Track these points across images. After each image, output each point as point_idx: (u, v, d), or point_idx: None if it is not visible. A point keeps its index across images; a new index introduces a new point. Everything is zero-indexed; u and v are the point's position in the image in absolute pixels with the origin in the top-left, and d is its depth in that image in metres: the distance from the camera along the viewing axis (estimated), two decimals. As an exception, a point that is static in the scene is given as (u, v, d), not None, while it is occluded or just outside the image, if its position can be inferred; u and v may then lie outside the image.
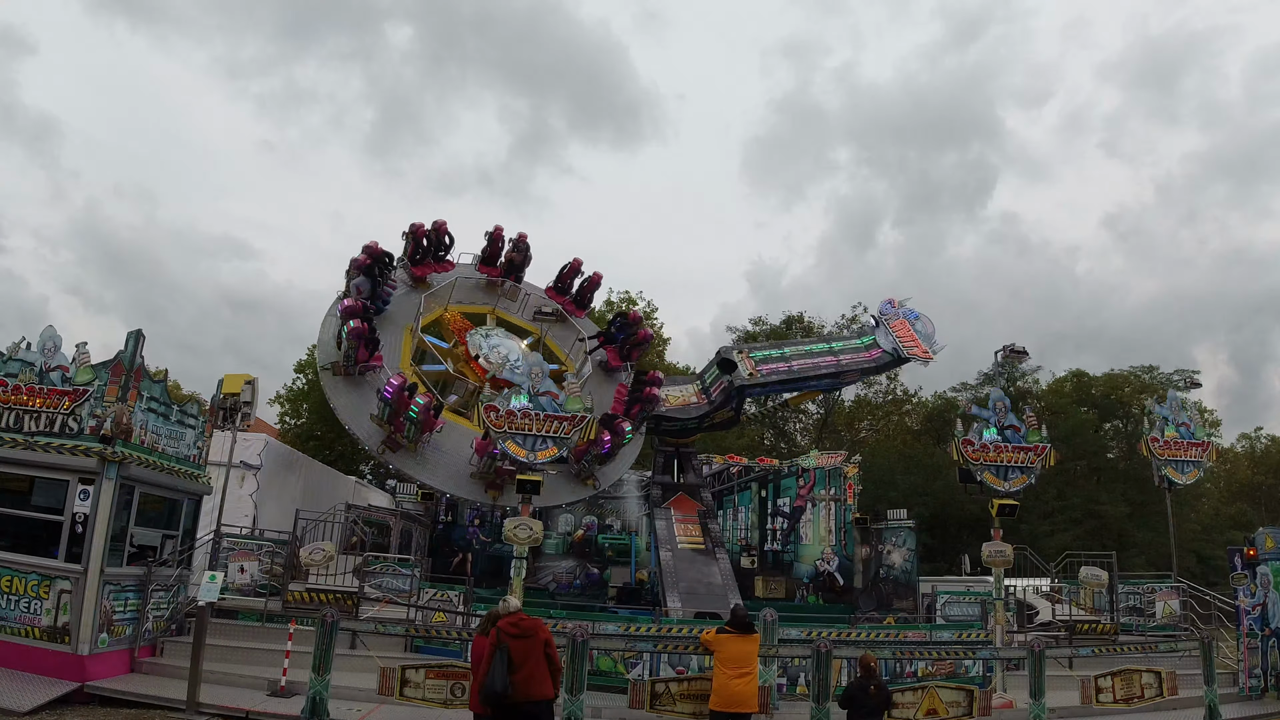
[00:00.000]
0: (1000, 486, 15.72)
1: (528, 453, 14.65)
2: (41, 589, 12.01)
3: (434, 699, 9.60)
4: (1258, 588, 15.34)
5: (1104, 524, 42.75)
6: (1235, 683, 15.16)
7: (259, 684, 12.25)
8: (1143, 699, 11.65)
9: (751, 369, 21.11)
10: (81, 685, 11.63)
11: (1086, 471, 46.40)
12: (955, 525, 41.22)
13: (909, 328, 21.12)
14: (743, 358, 21.40)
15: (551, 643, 8.38)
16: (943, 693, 10.30)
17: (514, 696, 7.90)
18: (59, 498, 12.43)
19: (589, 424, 15.03)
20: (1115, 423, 49.38)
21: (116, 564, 12.63)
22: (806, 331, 50.05)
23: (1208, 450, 18.87)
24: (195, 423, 14.84)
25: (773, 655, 11.11)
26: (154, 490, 13.70)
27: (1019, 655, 12.85)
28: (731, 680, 9.33)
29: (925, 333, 20.98)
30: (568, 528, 25.56)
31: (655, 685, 9.99)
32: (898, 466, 43.12)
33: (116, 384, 12.72)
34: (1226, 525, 45.36)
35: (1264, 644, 15.01)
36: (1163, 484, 18.75)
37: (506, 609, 8.42)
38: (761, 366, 21.22)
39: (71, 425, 12.61)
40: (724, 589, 18.64)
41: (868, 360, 21.62)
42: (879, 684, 9.80)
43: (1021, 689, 11.98)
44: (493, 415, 14.62)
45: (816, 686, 10.19)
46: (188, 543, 14.98)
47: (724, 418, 22.90)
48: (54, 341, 13.15)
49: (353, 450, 47.94)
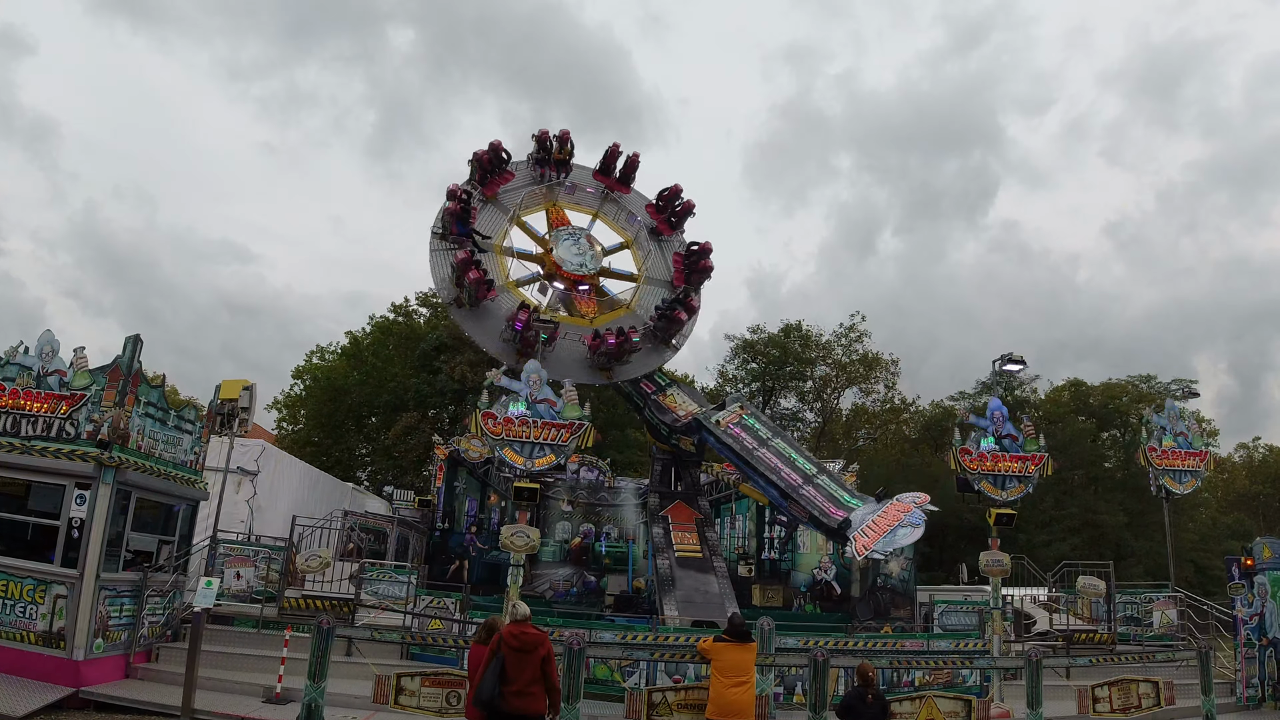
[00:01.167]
0: (998, 496, 15.73)
1: (525, 460, 14.65)
2: (37, 594, 11.98)
3: (429, 707, 9.56)
4: (1255, 597, 15.34)
5: (1101, 533, 42.74)
6: (1233, 693, 15.16)
7: (254, 690, 12.23)
8: (1139, 709, 11.63)
9: (728, 420, 20.18)
10: (76, 691, 11.61)
11: (1084, 481, 46.41)
12: (953, 534, 41.16)
13: (890, 524, 16.84)
14: (736, 409, 20.67)
15: (551, 659, 8.19)
16: (940, 702, 10.28)
17: (504, 708, 7.82)
18: (55, 502, 12.42)
19: (586, 431, 15.04)
20: (1113, 432, 49.41)
21: (112, 569, 12.61)
22: (805, 340, 50.15)
23: (1205, 460, 18.90)
24: (192, 428, 14.83)
25: (770, 664, 11.09)
26: (150, 495, 13.68)
27: (1016, 665, 12.84)
28: (728, 689, 9.31)
29: (889, 540, 16.65)
30: (565, 535, 25.52)
31: (652, 694, 9.95)
32: (895, 475, 43.05)
33: (114, 389, 12.72)
34: (1224, 535, 45.31)
35: (1261, 654, 15.00)
36: (1160, 493, 18.78)
37: (515, 615, 8.31)
38: (735, 427, 19.90)
39: (68, 430, 12.60)
40: (721, 597, 18.60)
41: (825, 511, 17.80)
42: (876, 693, 9.77)
43: (1019, 698, 11.97)
44: (490, 423, 14.62)
45: (813, 695, 10.18)
46: (184, 548, 14.96)
47: (688, 446, 22.43)
48: (51, 345, 13.16)
49: (349, 456, 48.06)
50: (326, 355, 50.28)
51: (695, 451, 22.47)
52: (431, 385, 43.33)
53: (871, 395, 51.77)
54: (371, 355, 47.23)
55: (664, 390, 22.15)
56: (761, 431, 19.99)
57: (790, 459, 19.08)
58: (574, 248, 22.95)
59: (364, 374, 46.18)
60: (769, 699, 11.16)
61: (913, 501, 16.81)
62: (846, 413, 52.61)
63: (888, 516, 16.61)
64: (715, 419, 20.06)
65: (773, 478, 18.61)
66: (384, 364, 46.30)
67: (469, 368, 40.82)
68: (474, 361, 40.55)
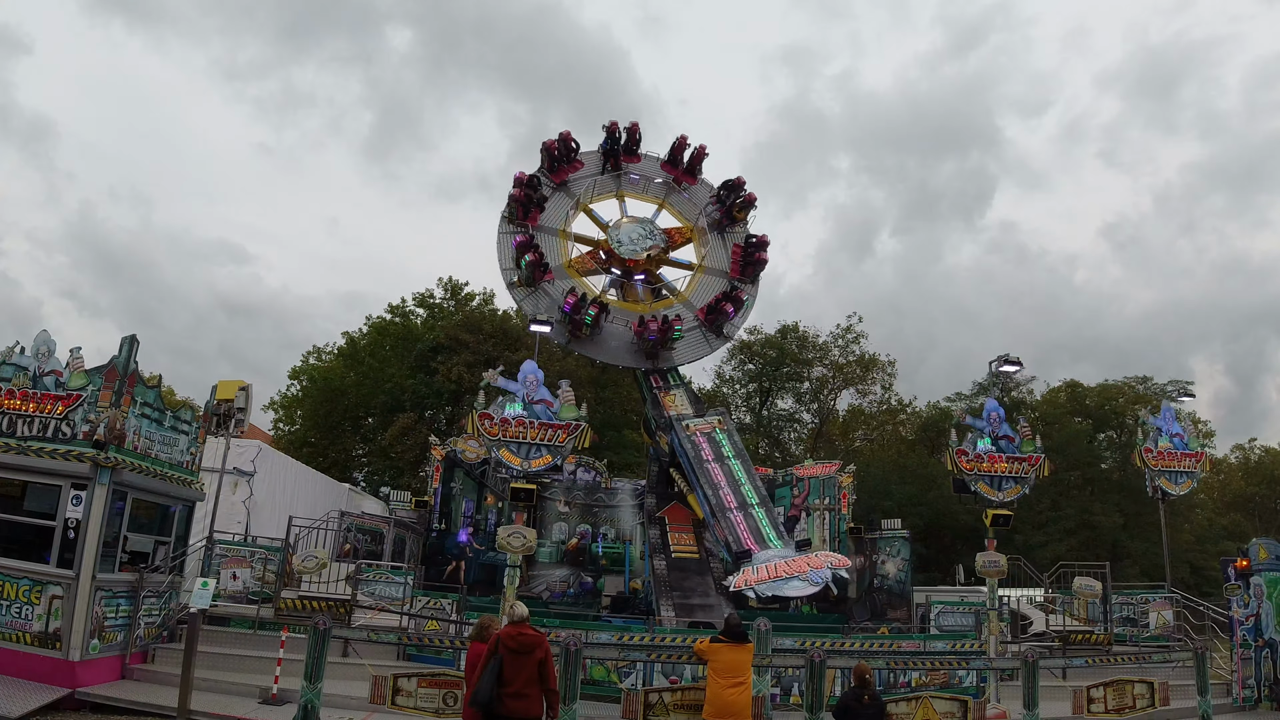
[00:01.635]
0: (994, 497, 15.74)
1: (522, 461, 14.64)
2: (33, 594, 11.96)
3: (426, 708, 9.55)
4: (1251, 598, 15.37)
5: (1098, 534, 42.79)
6: (1229, 693, 15.18)
7: (251, 691, 12.20)
8: (1134, 709, 11.64)
9: (698, 428, 20.49)
10: (72, 691, 11.58)
11: (1080, 482, 46.45)
12: (949, 535, 41.22)
13: (790, 573, 16.86)
14: (714, 420, 20.77)
15: (549, 661, 8.17)
16: (937, 703, 10.28)
17: (500, 710, 7.81)
18: (52, 503, 12.39)
19: (583, 432, 15.04)
20: (1109, 433, 49.46)
21: (109, 570, 12.58)
22: (801, 341, 50.17)
23: (1201, 461, 18.92)
24: (189, 429, 14.81)
25: (766, 665, 11.08)
26: (147, 496, 13.65)
27: (1012, 665, 12.85)
28: (725, 690, 9.31)
29: (776, 586, 16.68)
30: (561, 536, 25.51)
31: (649, 695, 9.95)
32: (892, 476, 43.10)
33: (110, 389, 12.69)
34: (1220, 536, 45.38)
35: (1257, 654, 15.04)
36: (1156, 494, 18.79)
37: (513, 616, 8.30)
38: (700, 435, 20.25)
39: (65, 430, 12.58)
40: (717, 598, 18.61)
41: (739, 538, 17.86)
42: (873, 694, 9.78)
43: (1015, 699, 11.97)
44: (487, 423, 14.62)
45: (810, 697, 10.18)
46: (180, 549, 14.92)
47: (663, 445, 21.95)
48: (48, 346, 13.14)
49: (346, 457, 48.01)
50: (323, 356, 50.21)
51: (669, 453, 21.96)
52: (428, 386, 43.30)
53: (868, 396, 51.84)
54: (368, 356, 47.18)
55: (669, 389, 22.22)
56: (725, 449, 20.14)
57: (738, 482, 19.18)
58: (635, 235, 23.75)
59: (360, 375, 46.14)
60: (765, 700, 11.16)
61: (827, 563, 17.16)
62: (843, 414, 52.63)
63: (793, 565, 17.01)
64: (687, 422, 20.28)
65: (709, 492, 18.78)
66: (381, 365, 46.25)
67: (466, 368, 40.80)
68: (470, 362, 40.57)
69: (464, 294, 49.22)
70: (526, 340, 37.48)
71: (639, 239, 23.79)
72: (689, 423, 20.44)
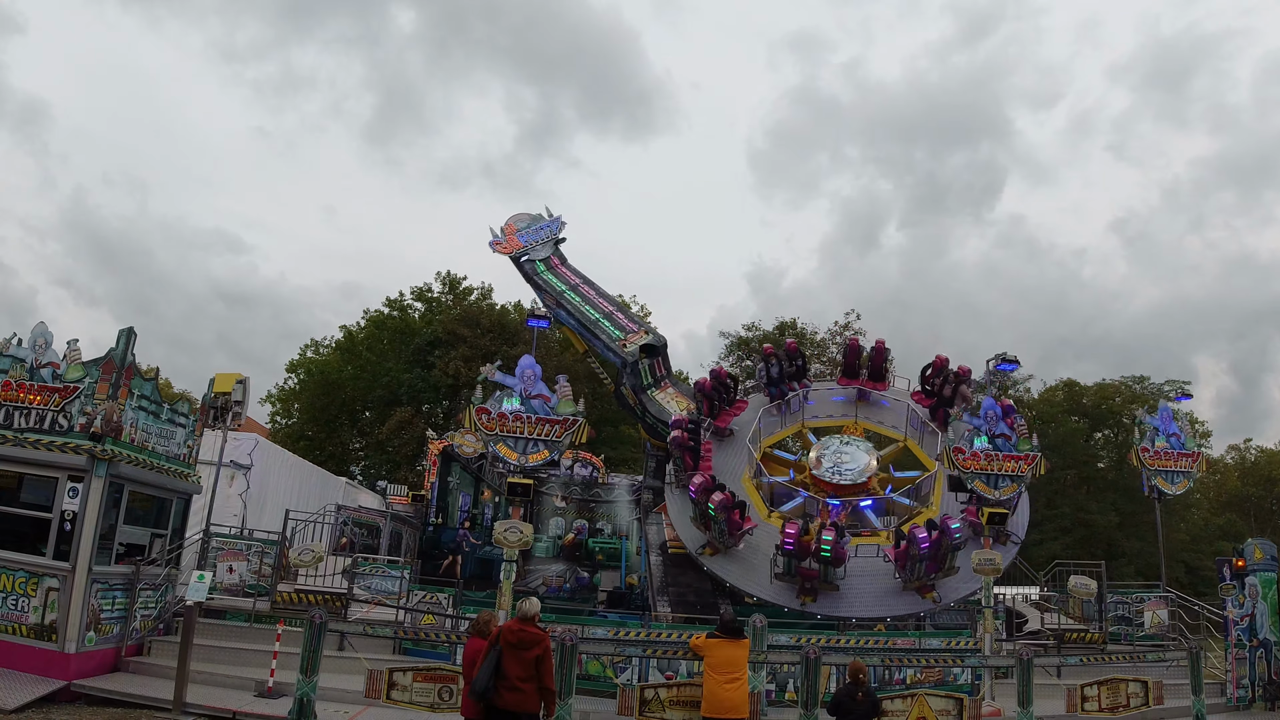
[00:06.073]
0: (990, 495, 15.77)
1: (519, 455, 14.64)
2: (29, 586, 11.95)
3: (422, 702, 9.56)
4: (1246, 598, 15.41)
5: (1093, 533, 42.93)
6: (1223, 693, 15.22)
7: (246, 684, 12.21)
8: (1128, 708, 11.68)
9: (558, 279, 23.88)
10: (68, 684, 11.58)
11: (1076, 481, 46.58)
12: (946, 533, 41.26)
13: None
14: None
15: (547, 659, 8.21)
16: (932, 700, 10.31)
17: (496, 702, 7.89)
18: (48, 495, 12.38)
19: (580, 427, 15.03)
20: (1106, 432, 49.59)
21: (105, 562, 12.58)
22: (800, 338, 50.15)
23: (1197, 461, 18.95)
24: (186, 421, 14.80)
25: (762, 661, 11.11)
26: (143, 489, 13.64)
27: (1007, 664, 12.86)
28: (721, 686, 9.32)
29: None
30: (558, 531, 25.51)
31: (644, 691, 9.97)
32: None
33: (107, 381, 12.68)
34: (1215, 536, 45.57)
35: (1252, 654, 15.08)
36: (1152, 494, 18.82)
37: (523, 611, 8.35)
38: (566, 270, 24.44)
39: (61, 422, 12.56)
40: (713, 594, 18.61)
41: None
42: (867, 691, 9.80)
43: (1010, 697, 12.00)
44: (484, 418, 14.61)
45: (805, 693, 10.20)
46: (176, 542, 14.91)
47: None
48: (45, 338, 13.12)
49: (343, 451, 48.02)
50: (320, 349, 50.17)
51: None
52: (426, 380, 43.31)
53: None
54: (365, 349, 47.15)
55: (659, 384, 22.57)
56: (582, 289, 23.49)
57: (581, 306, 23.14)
58: (837, 460, 20.03)
59: (358, 368, 46.13)
60: (760, 696, 11.19)
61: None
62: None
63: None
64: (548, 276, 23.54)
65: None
66: (378, 358, 46.24)
67: (463, 363, 40.83)
68: (468, 357, 40.60)
69: (462, 288, 49.19)
70: (524, 335, 37.47)
71: (843, 463, 19.87)
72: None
